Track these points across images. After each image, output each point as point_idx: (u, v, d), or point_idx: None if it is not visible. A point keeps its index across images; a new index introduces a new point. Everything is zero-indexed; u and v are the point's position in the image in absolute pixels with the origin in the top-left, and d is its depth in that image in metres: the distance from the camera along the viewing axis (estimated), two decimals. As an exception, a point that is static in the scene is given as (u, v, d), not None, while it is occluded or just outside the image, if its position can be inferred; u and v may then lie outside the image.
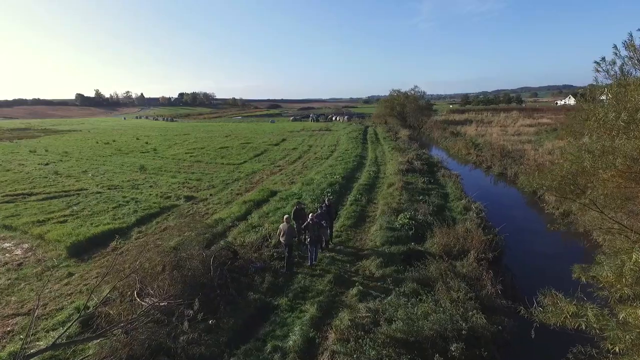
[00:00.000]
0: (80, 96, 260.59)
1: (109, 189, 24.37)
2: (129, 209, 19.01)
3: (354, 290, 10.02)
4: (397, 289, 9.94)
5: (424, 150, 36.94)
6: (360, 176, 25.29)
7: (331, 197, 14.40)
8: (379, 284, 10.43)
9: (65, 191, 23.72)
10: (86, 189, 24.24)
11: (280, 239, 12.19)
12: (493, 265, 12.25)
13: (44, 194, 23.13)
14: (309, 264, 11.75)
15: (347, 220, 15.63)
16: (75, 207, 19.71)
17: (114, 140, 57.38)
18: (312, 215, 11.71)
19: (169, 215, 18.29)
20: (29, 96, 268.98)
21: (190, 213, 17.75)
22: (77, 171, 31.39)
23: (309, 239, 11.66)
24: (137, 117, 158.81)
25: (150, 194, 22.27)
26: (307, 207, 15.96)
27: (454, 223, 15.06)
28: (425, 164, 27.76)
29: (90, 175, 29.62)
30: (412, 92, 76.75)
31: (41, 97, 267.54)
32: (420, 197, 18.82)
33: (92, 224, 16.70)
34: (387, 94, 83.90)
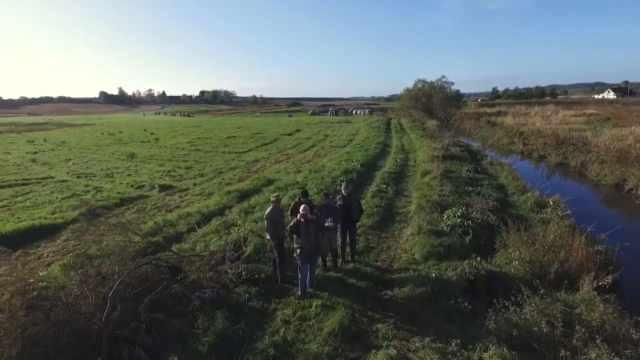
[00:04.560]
0: (104, 94, 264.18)
1: (78, 177, 20.26)
2: (81, 200, 14.57)
3: (380, 358, 4.99)
4: (470, 355, 4.89)
5: (459, 139, 31.38)
6: (385, 164, 20.14)
7: (349, 186, 8.82)
8: (428, 341, 5.36)
9: (25, 179, 19.74)
10: (52, 177, 20.30)
11: (267, 234, 7.53)
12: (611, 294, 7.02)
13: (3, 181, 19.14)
14: (298, 293, 6.78)
15: (368, 219, 10.59)
16: (19, 198, 15.51)
17: (120, 132, 54.29)
18: (304, 208, 6.70)
19: (128, 208, 13.76)
20: (55, 94, 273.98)
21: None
22: (60, 159, 27.72)
23: (298, 250, 6.69)
24: (156, 114, 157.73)
25: (121, 183, 17.95)
26: (313, 199, 11.04)
27: (529, 225, 9.78)
28: (465, 151, 22.37)
29: (71, 163, 25.81)
30: (439, 82, 70.55)
31: (67, 95, 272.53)
32: (470, 189, 13.59)
33: (18, 218, 12.32)
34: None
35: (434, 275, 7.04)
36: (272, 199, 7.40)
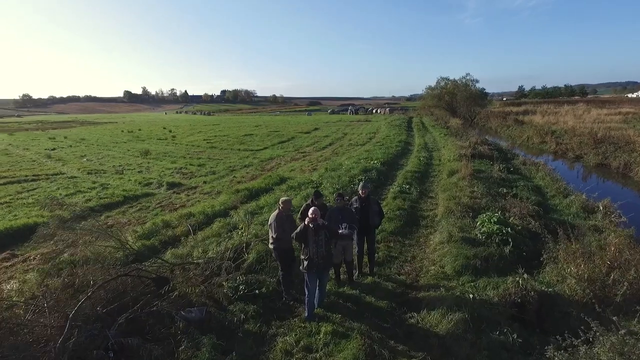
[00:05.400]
0: (128, 93, 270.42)
1: (88, 173, 19.73)
2: (84, 197, 13.88)
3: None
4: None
5: (485, 138, 29.62)
6: (407, 163, 18.78)
7: (368, 185, 7.16)
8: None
9: (36, 175, 19.38)
10: (63, 174, 19.85)
11: (270, 245, 6.30)
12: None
13: (10, 177, 18.87)
14: (305, 314, 5.63)
15: (389, 223, 9.34)
16: (24, 194, 14.97)
17: (139, 130, 54.45)
18: (313, 211, 5.55)
19: (131, 206, 12.93)
20: (82, 93, 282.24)
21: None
22: (75, 156, 27.48)
23: (306, 262, 5.53)
24: (177, 112, 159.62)
25: (129, 180, 17.28)
26: (327, 200, 9.87)
27: (580, 234, 8.29)
28: (494, 150, 20.76)
29: (85, 159, 25.47)
30: (463, 79, 68.01)
31: (93, 95, 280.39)
32: (505, 191, 12.14)
33: (15, 215, 11.66)
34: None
35: (471, 296, 5.74)
36: (280, 204, 6.20)
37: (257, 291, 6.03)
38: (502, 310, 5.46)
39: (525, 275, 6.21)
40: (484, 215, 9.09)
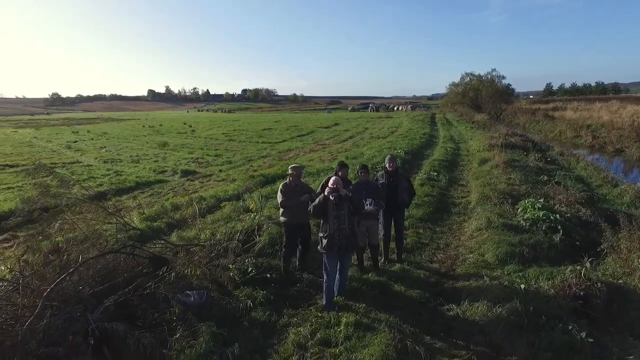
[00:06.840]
0: (152, 92, 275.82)
1: (104, 162, 19.47)
2: (96, 182, 13.48)
3: None
4: None
5: (516, 130, 28.13)
6: (432, 153, 17.69)
7: (395, 159, 6.39)
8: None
9: (53, 163, 19.18)
10: (80, 162, 19.71)
11: (280, 217, 5.72)
12: None
13: (28, 165, 18.69)
14: (322, 302, 4.81)
15: (417, 209, 8.40)
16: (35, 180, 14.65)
17: (160, 125, 54.74)
18: (335, 181, 4.68)
19: (142, 192, 12.43)
20: (108, 92, 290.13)
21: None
22: (95, 147, 27.44)
23: (325, 240, 4.70)
24: (199, 110, 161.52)
25: (144, 168, 16.87)
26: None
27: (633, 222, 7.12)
28: (527, 141, 19.45)
29: (104, 150, 25.38)
30: (489, 75, 65.66)
31: (118, 93, 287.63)
32: (545, 178, 11.00)
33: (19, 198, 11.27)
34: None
35: (522, 286, 4.78)
36: (289, 170, 5.49)
37: (268, 275, 5.23)
38: (562, 303, 4.48)
39: (588, 265, 5.20)
40: (527, 201, 8.05)
